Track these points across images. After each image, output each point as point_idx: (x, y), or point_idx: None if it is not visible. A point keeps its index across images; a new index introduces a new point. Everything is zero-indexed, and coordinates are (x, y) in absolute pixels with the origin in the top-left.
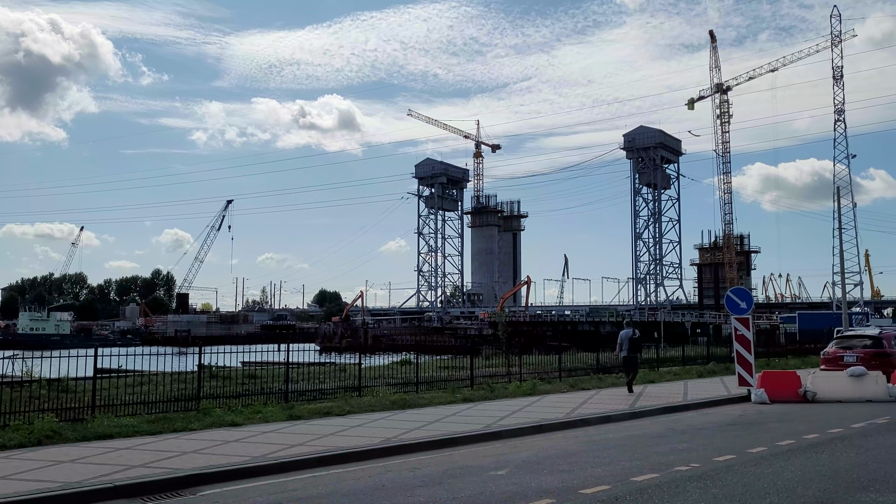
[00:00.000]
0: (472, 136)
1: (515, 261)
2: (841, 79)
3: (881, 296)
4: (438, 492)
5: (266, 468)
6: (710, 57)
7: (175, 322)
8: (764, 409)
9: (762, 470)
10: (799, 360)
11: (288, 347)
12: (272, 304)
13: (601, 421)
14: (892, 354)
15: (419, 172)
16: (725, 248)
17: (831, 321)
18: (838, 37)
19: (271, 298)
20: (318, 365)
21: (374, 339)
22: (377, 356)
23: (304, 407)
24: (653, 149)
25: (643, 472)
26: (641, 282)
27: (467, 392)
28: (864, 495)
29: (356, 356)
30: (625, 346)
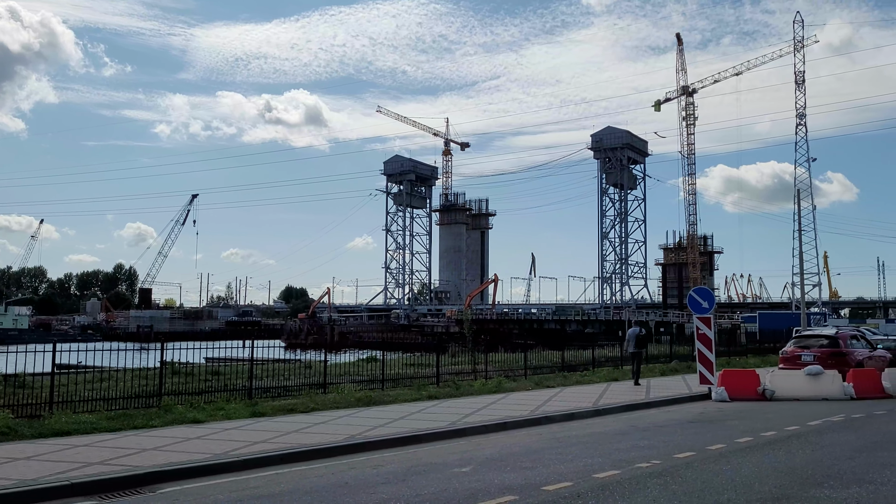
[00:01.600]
0: (441, 134)
1: (483, 259)
2: (803, 83)
3: (839, 297)
4: (402, 489)
5: (228, 465)
6: (677, 60)
7: (137, 318)
8: (724, 407)
9: (721, 467)
10: (759, 358)
11: (252, 344)
12: (237, 301)
13: (565, 418)
14: (847, 354)
15: (388, 169)
16: (689, 249)
17: (790, 321)
18: (801, 42)
19: (236, 294)
20: (283, 362)
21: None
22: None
23: (268, 404)
24: (620, 149)
25: (605, 469)
26: (607, 281)
27: (433, 389)
28: (818, 491)
29: (322, 353)
30: (632, 343)
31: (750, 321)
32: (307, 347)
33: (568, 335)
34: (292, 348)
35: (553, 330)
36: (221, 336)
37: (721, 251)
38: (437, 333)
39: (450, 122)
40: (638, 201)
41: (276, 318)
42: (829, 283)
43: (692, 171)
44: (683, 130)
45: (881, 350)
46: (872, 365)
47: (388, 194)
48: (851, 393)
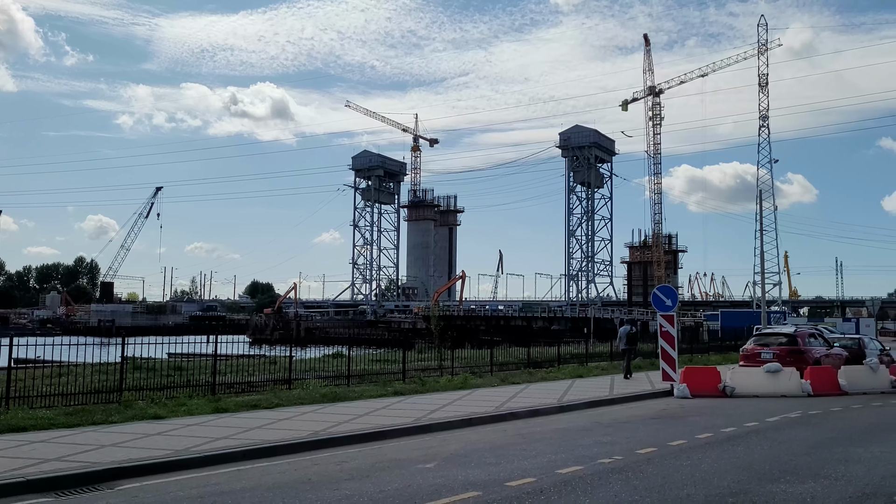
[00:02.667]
0: (410, 130)
1: (451, 255)
2: (766, 86)
3: (798, 296)
4: (365, 485)
5: (189, 462)
6: (644, 60)
7: (99, 311)
8: (685, 404)
9: (681, 462)
10: (720, 356)
11: (217, 339)
12: (202, 295)
13: (530, 414)
14: (805, 352)
15: (356, 164)
16: (654, 247)
17: (751, 319)
18: (764, 45)
19: (201, 289)
20: (247, 357)
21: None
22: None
23: (231, 400)
24: (587, 148)
25: (568, 465)
26: (574, 278)
27: (399, 385)
28: (775, 486)
29: (288, 349)
30: (623, 340)
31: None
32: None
33: (534, 332)
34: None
35: (520, 327)
36: (185, 331)
37: (685, 250)
38: (404, 329)
39: (419, 118)
40: (605, 200)
41: (241, 313)
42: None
43: (658, 171)
44: (650, 130)
45: (838, 348)
46: (829, 363)
47: (356, 189)
48: (809, 390)
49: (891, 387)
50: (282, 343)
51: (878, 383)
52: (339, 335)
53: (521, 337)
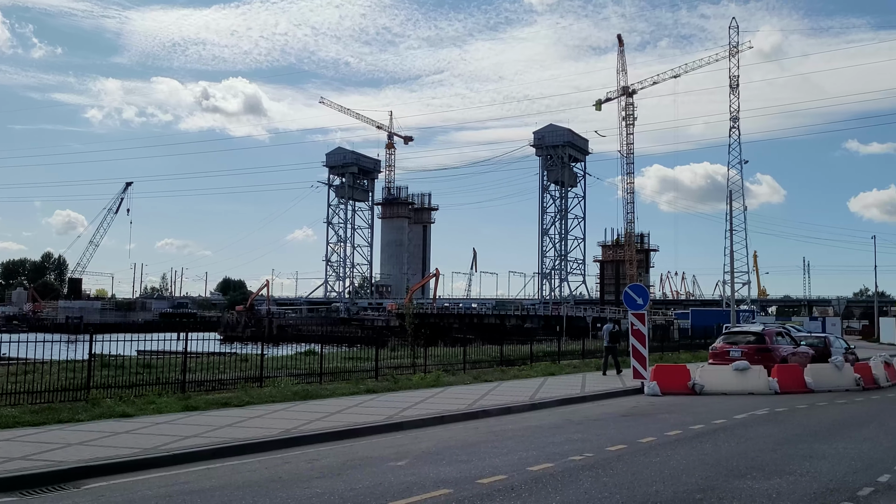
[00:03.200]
0: (384, 127)
1: (425, 253)
2: (737, 88)
3: (767, 295)
4: (336, 483)
5: (157, 460)
6: (618, 60)
7: (66, 308)
8: (655, 401)
9: (651, 459)
10: (690, 354)
11: (187, 336)
12: (172, 292)
13: (502, 412)
14: (773, 350)
15: (330, 161)
16: (627, 246)
17: (721, 318)
18: (735, 48)
19: (172, 285)
20: (218, 355)
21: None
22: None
23: (201, 398)
24: (561, 147)
25: (539, 462)
26: (547, 277)
27: (371, 383)
28: (741, 482)
29: (259, 346)
30: (606, 338)
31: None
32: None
33: (507, 330)
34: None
35: (493, 325)
36: (155, 328)
37: (657, 249)
38: (377, 327)
39: (393, 116)
40: (578, 199)
41: (212, 311)
42: (759, 281)
43: (631, 171)
44: (623, 130)
45: (804, 346)
46: (796, 361)
47: (329, 186)
48: (776, 387)
49: (855, 384)
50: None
51: (843, 381)
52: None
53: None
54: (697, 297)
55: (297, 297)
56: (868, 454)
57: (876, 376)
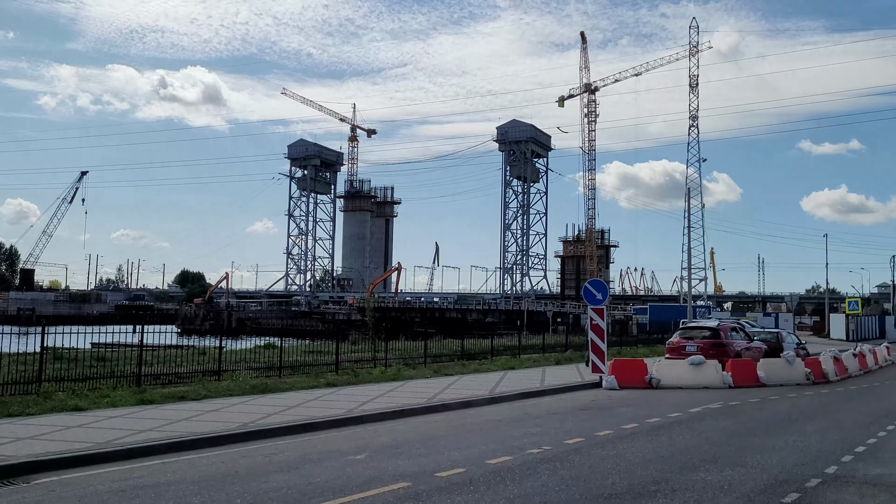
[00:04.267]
0: (347, 120)
1: (387, 247)
2: (696, 87)
3: (723, 291)
4: (294, 477)
5: (110, 455)
6: (581, 57)
7: (18, 299)
8: (613, 395)
9: (607, 452)
10: (648, 349)
11: (143, 329)
12: (129, 284)
13: (461, 406)
14: (727, 345)
15: (292, 153)
16: (587, 242)
17: (678, 313)
18: (695, 47)
19: (128, 277)
20: (175, 348)
21: (239, 322)
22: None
23: (157, 391)
24: (524, 143)
25: (498, 455)
26: (508, 271)
27: (331, 377)
28: (695, 474)
29: (218, 339)
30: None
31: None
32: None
33: (469, 324)
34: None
35: (454, 319)
36: (111, 320)
37: (617, 245)
38: (338, 321)
39: (356, 108)
40: (540, 194)
41: (170, 303)
42: (715, 277)
43: (592, 167)
44: (585, 127)
45: (758, 342)
46: (749, 355)
47: (291, 179)
48: (730, 381)
49: (806, 379)
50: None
51: (794, 375)
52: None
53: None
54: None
55: (258, 290)
56: (816, 447)
57: (825, 371)
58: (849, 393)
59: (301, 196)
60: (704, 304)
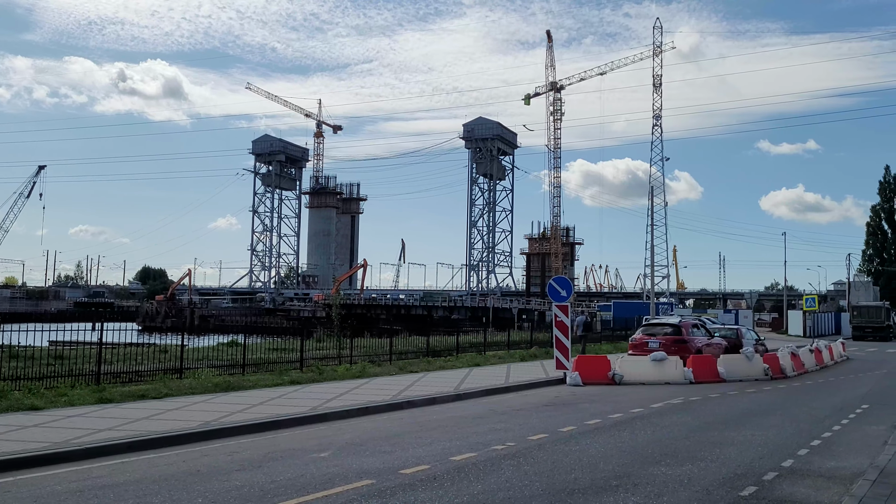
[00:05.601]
0: (313, 115)
1: (353, 244)
2: (660, 86)
3: (685, 288)
4: (257, 475)
5: (68, 454)
6: (547, 56)
7: None
8: (577, 391)
9: (570, 447)
10: (612, 345)
11: (102, 326)
12: (88, 280)
13: (426, 403)
14: (689, 341)
15: (256, 149)
16: (552, 239)
17: (641, 310)
18: (659, 47)
19: (87, 274)
20: (136, 345)
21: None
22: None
23: (116, 390)
24: (490, 140)
25: (462, 452)
26: (474, 268)
27: (295, 375)
28: (655, 469)
29: (180, 337)
30: (580, 328)
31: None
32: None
33: (434, 321)
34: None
35: (420, 316)
36: (69, 318)
37: (582, 242)
38: (303, 318)
39: (322, 104)
40: (506, 192)
41: (131, 300)
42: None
43: (557, 165)
44: (551, 125)
45: (718, 338)
46: (710, 352)
47: (255, 174)
48: (691, 377)
49: (764, 374)
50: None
51: (753, 371)
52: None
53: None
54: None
55: (221, 287)
56: (774, 441)
57: (783, 366)
58: (805, 388)
59: (266, 192)
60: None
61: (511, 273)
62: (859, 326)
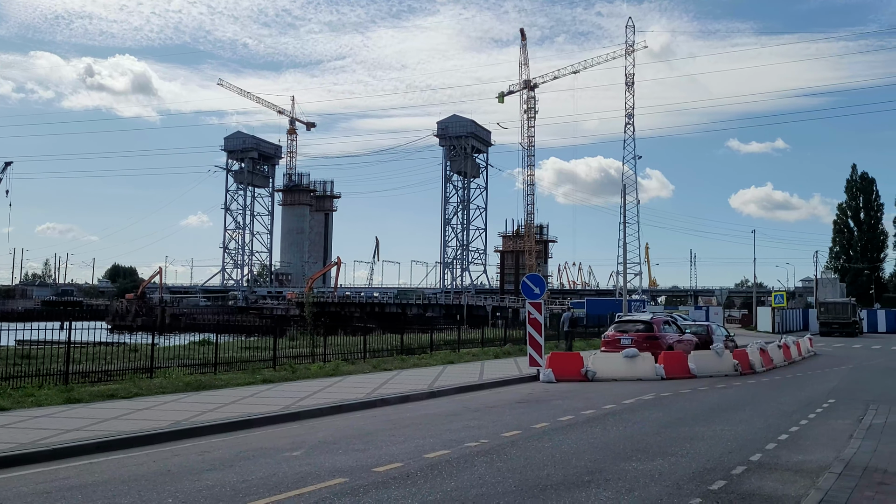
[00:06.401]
0: (286, 112)
1: (327, 241)
2: (633, 85)
3: (657, 285)
4: (228, 475)
5: (35, 455)
6: (520, 54)
7: None
8: (550, 388)
9: (543, 444)
10: (584, 342)
11: (71, 325)
12: (56, 279)
13: (400, 400)
14: (660, 338)
15: (229, 146)
16: (526, 237)
17: (614, 307)
18: (632, 46)
19: (56, 272)
20: (105, 344)
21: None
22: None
23: (85, 389)
24: (465, 138)
25: (436, 449)
26: (448, 266)
27: (268, 373)
28: (627, 464)
29: (150, 335)
30: (566, 323)
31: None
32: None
33: (409, 319)
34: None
35: (394, 313)
36: (36, 317)
37: (555, 240)
38: (276, 316)
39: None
40: (480, 189)
41: (100, 299)
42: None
43: (531, 163)
44: (524, 123)
45: (689, 334)
46: (681, 348)
47: (228, 172)
48: (662, 373)
49: (734, 370)
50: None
51: (723, 367)
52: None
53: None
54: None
55: (193, 286)
56: (742, 435)
57: (752, 362)
58: (773, 383)
59: (238, 189)
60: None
61: (485, 271)
62: (826, 322)
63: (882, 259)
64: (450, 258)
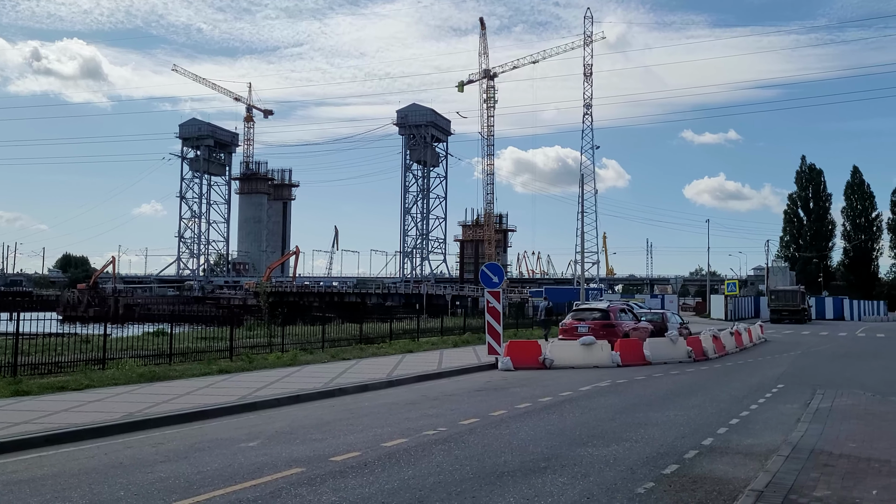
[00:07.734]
0: (243, 99)
1: (285, 230)
2: (591, 76)
3: (614, 274)
4: (182, 467)
5: None
6: (480, 43)
7: None
8: (508, 376)
9: (501, 431)
10: (543, 331)
11: (20, 316)
12: (4, 269)
13: (359, 390)
14: (617, 325)
15: (184, 133)
16: (486, 226)
17: (573, 296)
18: (590, 37)
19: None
20: (56, 336)
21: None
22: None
23: (34, 381)
24: (424, 127)
25: (393, 438)
26: (408, 255)
27: (224, 363)
28: (583, 450)
29: (103, 326)
30: (543, 313)
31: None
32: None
33: (368, 308)
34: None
35: (354, 303)
36: None
37: (514, 229)
38: (233, 306)
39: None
40: (440, 178)
41: (51, 289)
42: (607, 261)
43: (491, 153)
44: (484, 112)
45: (644, 322)
46: (637, 335)
47: (183, 159)
48: (618, 360)
49: (688, 357)
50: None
51: (677, 354)
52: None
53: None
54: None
55: (147, 275)
56: (695, 420)
57: (705, 349)
58: (726, 369)
59: (194, 178)
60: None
61: (445, 260)
62: (777, 310)
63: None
64: (410, 247)
